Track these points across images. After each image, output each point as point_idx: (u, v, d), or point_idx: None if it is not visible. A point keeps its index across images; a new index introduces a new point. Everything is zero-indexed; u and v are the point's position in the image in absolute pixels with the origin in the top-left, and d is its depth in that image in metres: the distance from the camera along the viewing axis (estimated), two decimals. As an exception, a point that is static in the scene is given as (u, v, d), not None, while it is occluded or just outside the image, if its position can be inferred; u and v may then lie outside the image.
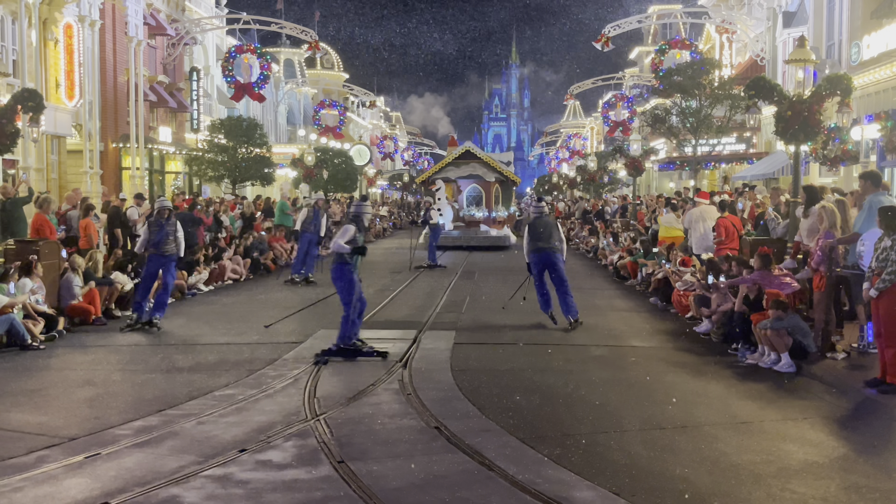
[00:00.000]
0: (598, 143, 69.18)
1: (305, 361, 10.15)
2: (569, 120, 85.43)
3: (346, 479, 6.03)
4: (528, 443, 6.90)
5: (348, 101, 66.50)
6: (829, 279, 10.21)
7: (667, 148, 40.62)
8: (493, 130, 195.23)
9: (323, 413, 7.80)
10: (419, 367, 9.83)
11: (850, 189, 16.13)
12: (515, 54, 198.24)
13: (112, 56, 29.46)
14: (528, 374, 9.56)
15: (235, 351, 11.05)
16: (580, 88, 55.33)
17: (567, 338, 11.96)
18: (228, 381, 9.22)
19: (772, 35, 33.25)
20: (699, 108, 28.88)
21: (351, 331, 10.59)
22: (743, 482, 6.03)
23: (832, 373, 9.48)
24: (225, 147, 31.89)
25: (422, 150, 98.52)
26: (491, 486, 5.93)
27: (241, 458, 6.57)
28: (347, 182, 43.09)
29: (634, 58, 62.97)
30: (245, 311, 14.70)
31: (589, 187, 47.31)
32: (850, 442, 7.02)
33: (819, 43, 27.10)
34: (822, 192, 12.49)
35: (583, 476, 6.09)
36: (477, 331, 12.50)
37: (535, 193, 41.64)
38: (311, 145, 43.17)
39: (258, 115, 44.37)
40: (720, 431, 7.30)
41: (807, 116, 15.42)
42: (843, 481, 6.03)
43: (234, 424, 7.50)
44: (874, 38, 21.93)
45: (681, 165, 37.53)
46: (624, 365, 10.16)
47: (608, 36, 37.05)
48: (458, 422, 7.50)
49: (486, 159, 31.39)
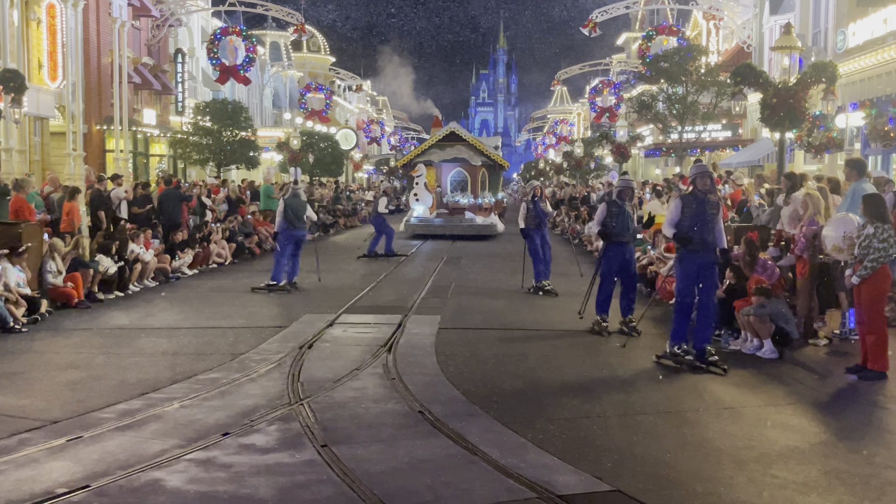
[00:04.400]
0: (584, 129, 69.25)
1: (290, 345, 10.12)
2: (556, 106, 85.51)
3: (329, 463, 6.03)
4: (512, 427, 6.91)
5: (335, 84, 66.24)
6: (812, 266, 10.27)
7: (653, 134, 40.69)
8: (480, 116, 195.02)
9: (307, 397, 7.79)
10: (404, 352, 9.83)
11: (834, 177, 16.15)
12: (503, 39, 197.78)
13: (96, 37, 29.18)
14: (511, 359, 9.58)
15: (219, 334, 11.01)
16: (567, 74, 55.33)
17: (550, 323, 11.98)
18: (212, 364, 9.20)
19: (758, 22, 33.31)
20: (685, 94, 28.94)
21: None
22: (725, 467, 6.07)
23: (814, 359, 9.56)
24: (210, 130, 31.72)
25: (409, 135, 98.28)
26: (474, 471, 5.94)
27: (225, 441, 6.56)
28: (333, 166, 43.01)
29: (622, 44, 62.98)
30: (229, 295, 14.65)
31: (575, 173, 47.36)
32: (831, 427, 7.07)
33: (805, 30, 27.17)
34: (803, 180, 12.53)
35: (566, 460, 6.11)
36: (462, 316, 12.50)
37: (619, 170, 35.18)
38: (297, 129, 42.99)
39: (243, 98, 44.13)
40: (703, 417, 7.35)
41: (792, 104, 15.52)
42: (824, 466, 6.08)
43: (218, 408, 7.48)
44: (860, 25, 22.01)
45: (667, 152, 37.63)
46: (608, 350, 10.20)
47: (595, 21, 37.02)
48: (442, 406, 7.51)
49: (472, 141, 29.23)
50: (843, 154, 21.85)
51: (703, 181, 9.30)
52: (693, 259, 9.22)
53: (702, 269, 9.21)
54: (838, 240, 9.24)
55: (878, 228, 8.62)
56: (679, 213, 9.29)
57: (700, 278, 9.22)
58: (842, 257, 9.42)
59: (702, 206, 9.22)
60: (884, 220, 8.70)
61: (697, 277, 9.22)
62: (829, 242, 9.46)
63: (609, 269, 11.54)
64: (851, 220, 9.32)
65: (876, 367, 8.58)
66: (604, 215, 11.65)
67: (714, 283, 9.48)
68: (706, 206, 9.24)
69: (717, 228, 9.30)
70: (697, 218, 9.18)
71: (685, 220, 9.21)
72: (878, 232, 8.60)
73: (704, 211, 9.21)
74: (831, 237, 9.37)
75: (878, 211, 8.74)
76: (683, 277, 9.32)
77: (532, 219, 15.04)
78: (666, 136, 32.99)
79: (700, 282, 9.22)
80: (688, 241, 9.18)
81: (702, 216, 9.18)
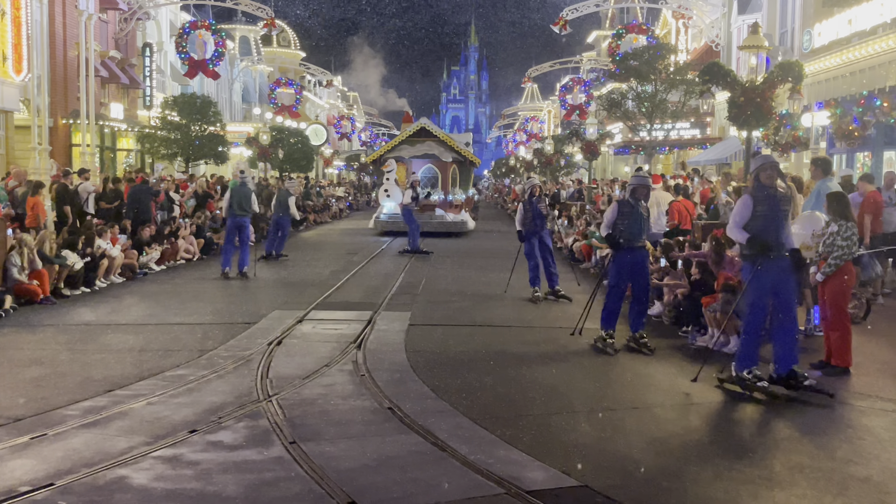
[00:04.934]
0: (555, 127, 69.48)
1: (259, 342, 10.07)
2: (526, 103, 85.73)
3: (297, 460, 6.01)
4: (481, 423, 6.93)
5: (305, 79, 65.89)
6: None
7: (622, 132, 40.95)
8: (451, 112, 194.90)
9: (275, 394, 7.76)
10: (373, 349, 9.81)
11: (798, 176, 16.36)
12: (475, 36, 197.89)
13: (62, 30, 28.79)
14: (481, 355, 9.60)
15: (187, 331, 10.92)
16: (538, 71, 55.50)
17: (521, 320, 12.02)
18: (179, 361, 9.12)
19: (727, 21, 33.63)
20: (655, 92, 29.13)
21: None
22: (691, 462, 6.13)
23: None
24: (178, 125, 31.42)
25: (380, 131, 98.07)
26: (443, 467, 5.95)
27: (192, 438, 6.51)
28: (303, 162, 42.80)
29: (592, 42, 63.25)
30: (198, 291, 14.54)
31: (546, 170, 47.54)
32: (795, 423, 7.16)
33: (773, 30, 27.48)
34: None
35: (534, 456, 6.14)
36: (432, 312, 12.51)
37: None
38: (267, 124, 42.73)
39: (212, 92, 43.77)
40: (670, 412, 7.41)
41: (759, 103, 15.69)
42: (788, 461, 6.16)
43: (185, 405, 7.42)
44: (825, 26, 22.30)
45: (636, 150, 37.88)
46: (577, 347, 10.24)
47: (566, 19, 37.17)
48: (411, 403, 7.50)
49: (442, 137, 28.90)
50: (808, 153, 22.15)
51: (768, 174, 8.05)
52: (769, 267, 7.87)
53: (779, 277, 7.94)
54: (807, 238, 9.35)
55: (841, 226, 8.75)
56: (749, 212, 8.00)
57: (777, 289, 7.92)
58: (810, 255, 9.54)
59: (773, 202, 8.00)
60: (847, 219, 8.83)
61: (773, 288, 7.92)
62: (797, 241, 9.56)
63: (619, 278, 10.15)
64: (819, 218, 9.44)
65: (839, 363, 8.70)
66: (614, 217, 10.15)
67: (793, 291, 8.15)
68: (778, 202, 8.03)
69: (788, 227, 8.13)
70: (771, 217, 7.94)
71: (757, 220, 7.96)
72: (842, 230, 8.73)
73: (777, 208, 7.99)
74: (800, 235, 9.48)
75: (842, 209, 8.87)
76: (757, 289, 7.95)
77: (529, 221, 13.84)
78: (635, 133, 33.21)
79: (777, 293, 7.93)
80: (765, 245, 7.88)
81: (775, 214, 7.96)
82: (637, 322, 10.09)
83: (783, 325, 7.97)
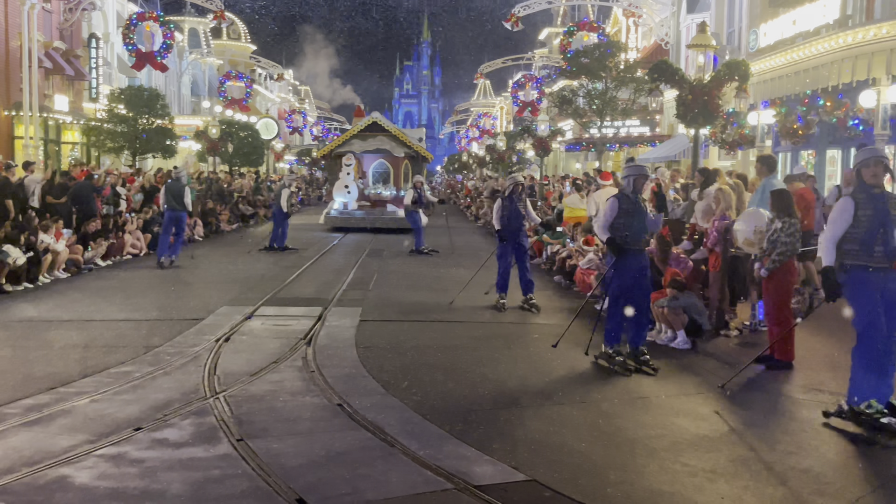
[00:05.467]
0: (507, 123, 69.74)
1: (206, 338, 9.95)
2: (479, 99, 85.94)
3: (244, 458, 5.95)
4: (431, 419, 6.93)
5: (255, 73, 65.23)
6: (724, 259, 10.56)
7: (573, 129, 41.26)
8: (404, 108, 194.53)
9: (223, 390, 7.67)
10: (323, 345, 9.76)
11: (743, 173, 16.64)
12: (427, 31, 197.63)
13: (3, 19, 28.07)
14: (432, 351, 9.61)
15: (133, 327, 10.75)
16: (490, 68, 55.64)
17: (472, 315, 12.05)
18: (125, 358, 8.97)
19: (676, 20, 34.06)
20: (605, 90, 29.38)
21: None
22: (637, 455, 6.20)
23: (725, 350, 9.84)
24: (125, 118, 30.86)
25: (332, 126, 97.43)
26: (392, 462, 5.94)
27: (137, 436, 6.41)
28: (254, 156, 42.38)
29: (544, 39, 63.62)
30: (144, 287, 14.32)
31: (498, 166, 47.69)
32: (739, 416, 7.29)
33: (720, 29, 27.91)
34: (717, 176, 12.88)
35: (483, 451, 6.16)
36: (383, 308, 12.47)
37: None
38: (216, 118, 42.19)
39: (161, 85, 43.09)
40: (617, 407, 7.49)
41: (706, 101, 15.90)
42: (731, 453, 6.27)
43: (130, 402, 7.30)
44: (771, 26, 22.70)
45: (587, 146, 38.19)
46: (527, 342, 10.31)
47: (518, 15, 37.28)
48: (361, 399, 7.48)
49: (394, 132, 28.61)
50: (754, 150, 22.53)
51: (872, 172, 6.85)
52: (875, 280, 6.75)
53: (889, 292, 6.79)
54: (749, 233, 9.52)
55: (785, 223, 8.92)
56: (851, 216, 6.79)
57: (890, 305, 6.76)
58: (752, 251, 9.71)
59: (881, 204, 6.78)
60: (791, 215, 9.00)
61: (890, 303, 6.74)
62: (740, 236, 9.74)
63: (622, 287, 8.90)
64: (762, 214, 9.61)
65: (782, 358, 8.88)
66: (613, 215, 8.90)
67: None
68: (887, 203, 6.80)
69: None
70: (879, 221, 6.73)
71: (861, 225, 6.77)
72: (786, 226, 8.90)
73: (887, 211, 6.76)
74: (742, 231, 9.65)
75: (785, 206, 9.04)
76: (865, 306, 6.76)
77: (507, 220, 12.61)
78: (586, 131, 33.47)
79: (889, 311, 6.75)
80: (870, 255, 6.75)
81: (884, 218, 6.73)
82: (638, 336, 8.94)
83: None
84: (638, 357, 8.84)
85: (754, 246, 9.51)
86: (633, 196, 9.01)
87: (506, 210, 12.63)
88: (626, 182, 9.17)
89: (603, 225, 9.05)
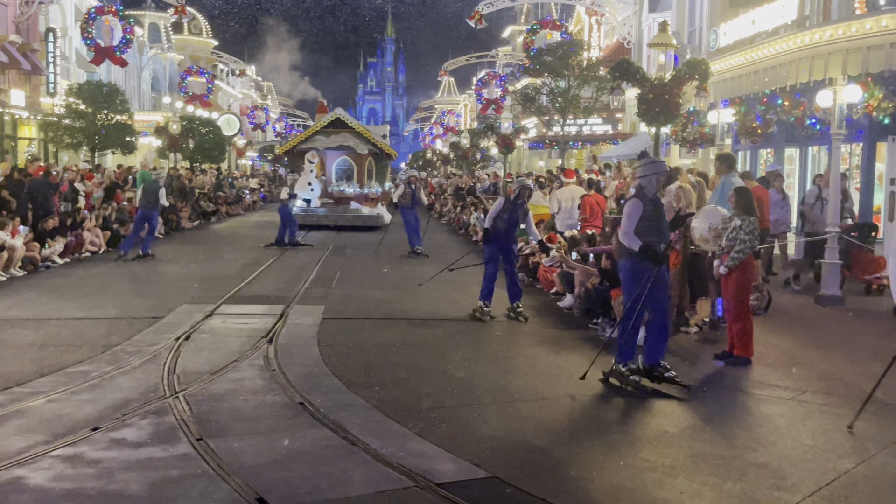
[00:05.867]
0: (471, 120, 69.83)
1: (166, 336, 9.83)
2: (443, 96, 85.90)
3: (204, 457, 5.89)
4: (393, 417, 6.91)
5: (217, 68, 64.59)
6: (684, 256, 10.66)
7: (537, 127, 41.42)
8: (368, 104, 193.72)
9: (182, 390, 7.58)
10: (285, 343, 9.69)
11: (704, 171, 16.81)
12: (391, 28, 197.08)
13: (-42, 11, 27.49)
14: (395, 349, 9.58)
15: (91, 326, 10.59)
16: (454, 65, 55.76)
17: (435, 312, 12.04)
18: (82, 357, 8.84)
19: (638, 19, 34.33)
20: (568, 88, 29.54)
21: None
22: (599, 451, 6.24)
23: (685, 346, 9.92)
24: (83, 113, 30.40)
25: (294, 122, 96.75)
26: (353, 461, 5.92)
27: (94, 436, 6.31)
28: (215, 152, 41.98)
29: (507, 37, 63.80)
30: (103, 285, 14.12)
31: (462, 164, 47.75)
32: (699, 412, 7.36)
33: (681, 28, 28.19)
34: (678, 174, 13.00)
35: (445, 449, 6.16)
36: (346, 306, 12.42)
37: None
38: (177, 113, 41.71)
39: (120, 80, 42.49)
40: (579, 403, 7.54)
41: (667, 99, 16.04)
42: (691, 449, 6.33)
43: (87, 402, 7.19)
44: (730, 25, 22.96)
45: (550, 144, 38.37)
46: (489, 339, 10.33)
47: (481, 13, 37.35)
48: (322, 397, 7.44)
49: (358, 129, 28.37)
50: (714, 149, 22.79)
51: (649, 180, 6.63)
52: None
53: None
54: (705, 230, 9.63)
55: (744, 221, 9.02)
56: None
57: None
58: (707, 247, 9.83)
59: None
60: (750, 213, 9.11)
61: None
62: (696, 233, 9.85)
63: (641, 295, 7.91)
64: (718, 212, 9.72)
65: (741, 354, 8.98)
66: (639, 216, 7.89)
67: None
68: None
69: None
70: None
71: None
72: (745, 224, 9.00)
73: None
74: (698, 228, 9.77)
75: (745, 204, 9.14)
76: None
77: (502, 222, 11.57)
78: (549, 128, 33.63)
79: None
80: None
81: None
82: (657, 349, 8.04)
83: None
84: (655, 372, 7.96)
85: (709, 243, 9.63)
86: (654, 197, 8.04)
87: (505, 213, 11.53)
88: (648, 180, 8.04)
89: (628, 232, 7.90)
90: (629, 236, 7.90)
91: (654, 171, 8.07)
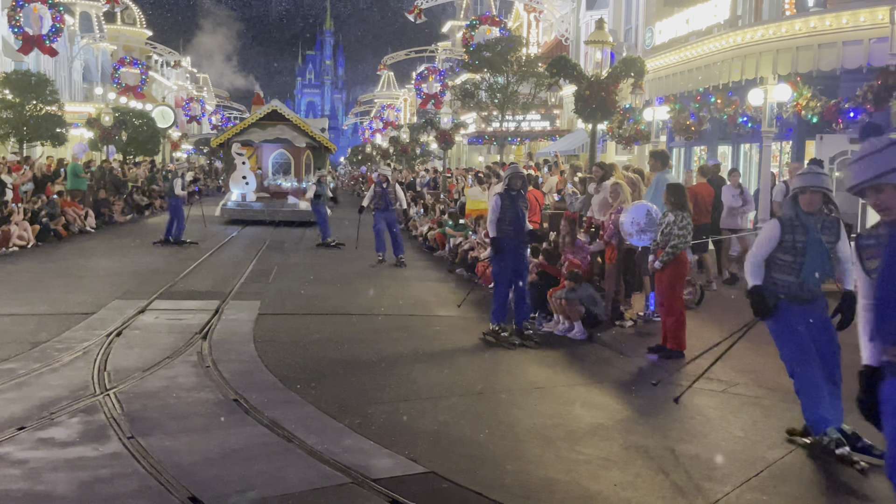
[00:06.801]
0: (411, 115, 69.67)
1: (97, 333, 9.61)
2: (383, 90, 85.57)
3: (135, 456, 5.77)
4: (330, 413, 6.87)
5: (151, 59, 63.27)
6: (619, 251, 10.81)
7: (476, 122, 41.54)
8: (306, 98, 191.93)
9: (113, 387, 7.42)
10: (220, 339, 9.55)
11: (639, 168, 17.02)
12: (330, 20, 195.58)
13: None
14: (333, 345, 9.52)
15: (19, 322, 10.30)
16: (394, 59, 55.59)
17: (374, 308, 12.00)
18: (9, 354, 8.59)
19: (576, 16, 34.67)
20: (506, 84, 29.66)
21: None
22: (535, 445, 6.29)
23: (620, 340, 10.06)
24: (11, 103, 29.48)
25: (231, 114, 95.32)
26: (289, 458, 5.86)
27: (20, 436, 6.14)
28: (149, 145, 41.19)
29: (447, 31, 63.75)
30: (32, 280, 13.74)
31: (402, 159, 47.63)
32: (633, 405, 7.48)
33: (618, 26, 28.54)
34: (614, 170, 13.16)
35: (382, 444, 6.14)
36: (284, 301, 12.30)
37: None
38: (110, 105, 40.76)
39: (50, 70, 41.32)
40: (516, 397, 7.58)
41: (604, 96, 16.19)
42: (625, 441, 6.42)
43: (13, 401, 6.99)
44: (665, 24, 23.32)
45: (489, 140, 38.51)
46: (428, 334, 10.33)
47: (421, 7, 37.30)
48: (258, 394, 7.35)
49: (295, 121, 27.76)
50: (650, 146, 23.14)
51: None
52: None
53: None
54: (627, 224, 9.84)
55: (678, 216, 9.17)
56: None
57: None
58: (630, 241, 10.07)
59: None
60: (684, 209, 9.27)
61: None
62: (622, 228, 10.06)
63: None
64: (643, 207, 9.90)
65: (674, 347, 9.13)
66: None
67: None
68: None
69: None
70: None
71: None
72: (678, 220, 9.15)
73: None
74: (622, 222, 9.96)
75: (679, 200, 9.29)
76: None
77: (507, 225, 9.99)
78: (488, 124, 33.75)
79: None
80: None
81: None
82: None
83: None
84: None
85: (632, 237, 9.90)
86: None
87: (505, 212, 9.94)
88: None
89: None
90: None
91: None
